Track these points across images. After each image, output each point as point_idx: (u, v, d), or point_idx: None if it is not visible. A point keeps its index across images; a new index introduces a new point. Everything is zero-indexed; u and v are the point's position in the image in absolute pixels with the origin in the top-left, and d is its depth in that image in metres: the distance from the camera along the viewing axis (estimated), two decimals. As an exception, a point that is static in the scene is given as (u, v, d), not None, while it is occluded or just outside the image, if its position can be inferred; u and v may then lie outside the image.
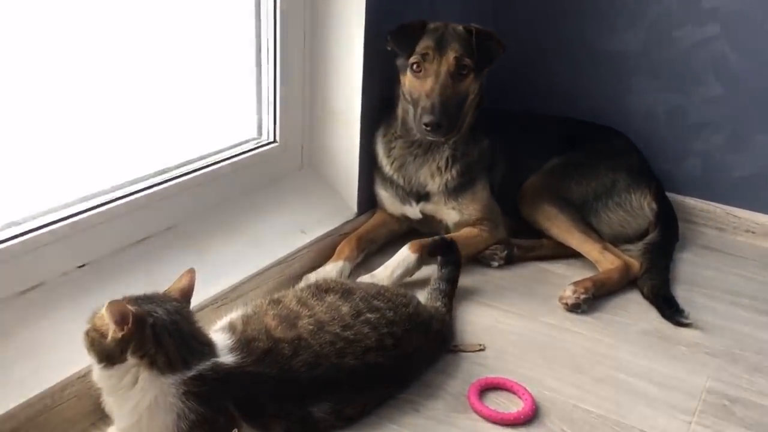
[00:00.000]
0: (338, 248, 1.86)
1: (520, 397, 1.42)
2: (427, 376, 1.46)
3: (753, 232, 2.21)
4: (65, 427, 1.25)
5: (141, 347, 1.12)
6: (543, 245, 2.02)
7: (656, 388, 1.48)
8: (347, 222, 1.96)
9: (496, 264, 1.95)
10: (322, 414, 1.27)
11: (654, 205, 2.07)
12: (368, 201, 2.04)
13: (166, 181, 1.59)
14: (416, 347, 1.43)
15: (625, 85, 2.30)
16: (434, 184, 1.91)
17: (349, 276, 1.80)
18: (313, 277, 1.75)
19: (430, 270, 1.76)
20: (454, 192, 1.92)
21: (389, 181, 1.97)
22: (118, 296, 1.38)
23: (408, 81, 1.82)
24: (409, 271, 1.78)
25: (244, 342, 1.25)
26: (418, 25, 1.82)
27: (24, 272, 1.32)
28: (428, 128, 1.73)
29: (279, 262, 1.72)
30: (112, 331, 1.11)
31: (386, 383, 1.38)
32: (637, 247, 2.01)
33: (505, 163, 2.05)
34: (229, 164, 1.75)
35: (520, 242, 2.01)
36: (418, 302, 1.51)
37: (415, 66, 1.79)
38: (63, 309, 1.34)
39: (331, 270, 1.78)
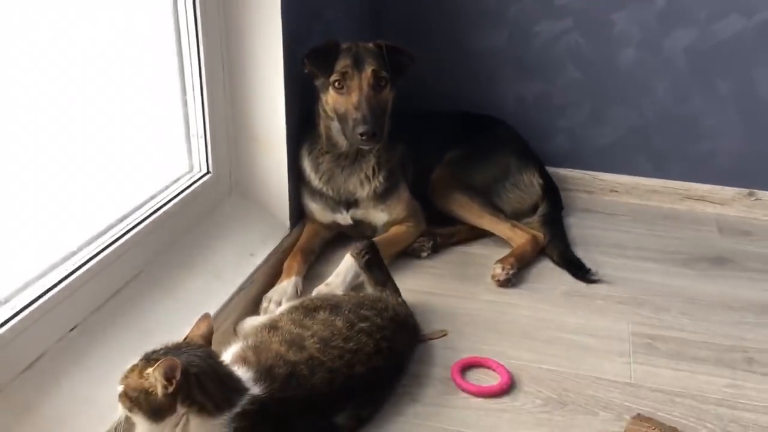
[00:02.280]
0: (286, 265, 1.97)
1: (495, 371, 1.64)
2: (412, 368, 1.63)
3: (617, 191, 2.60)
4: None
5: (189, 396, 1.19)
6: (460, 231, 2.25)
7: (593, 340, 1.77)
8: (285, 238, 2.06)
9: (425, 254, 2.15)
10: (343, 421, 1.41)
11: (540, 181, 2.39)
12: (297, 215, 2.15)
13: (127, 232, 1.61)
14: (403, 344, 1.60)
15: (497, 77, 2.58)
16: (363, 191, 2.07)
17: (302, 288, 1.91)
18: (270, 296, 1.85)
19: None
20: (382, 196, 2.08)
21: (318, 194, 2.09)
22: (115, 352, 1.43)
23: (331, 99, 1.95)
24: (358, 274, 1.93)
25: (264, 371, 1.34)
26: (333, 46, 1.95)
27: (25, 348, 1.31)
28: (364, 137, 1.88)
29: (240, 289, 1.79)
30: (161, 387, 1.16)
31: (388, 382, 1.54)
32: (534, 220, 2.31)
33: (412, 161, 2.24)
34: (175, 203, 1.78)
35: (441, 231, 2.22)
36: (393, 304, 1.67)
37: (336, 84, 1.92)
38: (70, 373, 1.35)
39: (287, 286, 1.89)
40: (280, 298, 1.84)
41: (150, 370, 1.17)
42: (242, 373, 1.34)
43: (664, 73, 2.41)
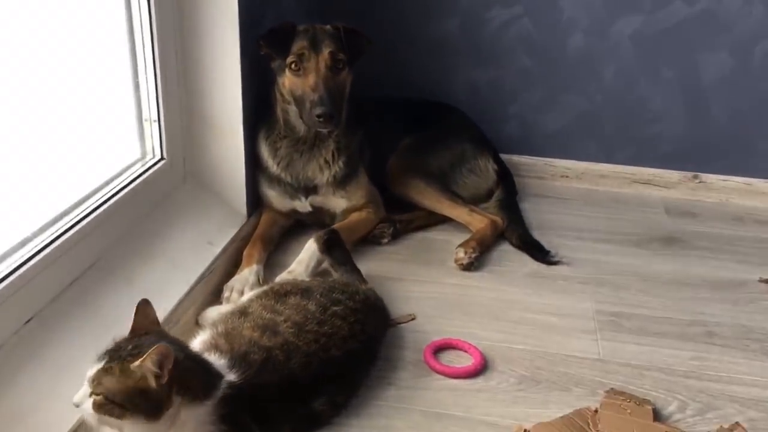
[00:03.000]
0: (246, 253, 1.91)
1: (467, 352, 1.63)
2: (383, 352, 1.60)
3: (567, 177, 2.64)
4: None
5: (182, 384, 1.13)
6: (418, 216, 2.23)
7: (559, 319, 1.78)
8: (243, 226, 2.00)
9: (385, 240, 2.13)
10: (321, 407, 1.37)
11: (495, 166, 2.40)
12: (254, 203, 2.09)
13: (81, 220, 1.52)
14: (375, 327, 1.57)
15: (449, 65, 2.57)
16: (323, 177, 2.02)
17: (264, 277, 1.86)
18: (232, 285, 1.79)
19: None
20: (342, 182, 2.05)
21: (276, 180, 2.04)
22: (75, 344, 1.35)
23: (288, 81, 1.90)
24: (320, 261, 1.88)
25: (238, 357, 1.29)
26: (289, 27, 1.90)
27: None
28: (321, 119, 1.83)
29: (201, 278, 1.72)
30: (154, 378, 1.09)
31: (363, 366, 1.50)
32: (490, 205, 2.32)
33: (369, 148, 2.21)
34: (129, 190, 1.69)
35: (400, 217, 2.20)
36: (363, 288, 1.64)
37: (293, 65, 1.88)
38: (28, 367, 1.26)
39: (248, 275, 1.83)
40: (242, 287, 1.78)
41: (137, 363, 1.09)
42: (215, 360, 1.28)
43: (612, 59, 2.47)
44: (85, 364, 1.30)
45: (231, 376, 1.24)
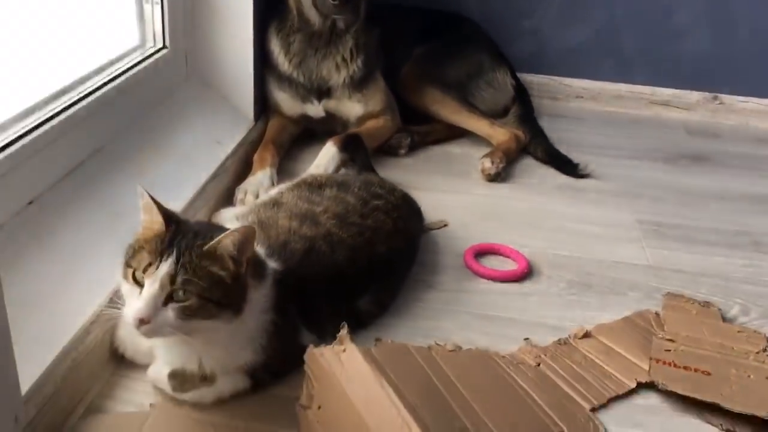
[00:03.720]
0: (257, 156, 1.74)
1: (509, 257, 1.50)
2: (419, 257, 1.46)
3: (582, 97, 2.51)
4: (91, 382, 1.04)
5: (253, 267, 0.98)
6: (436, 129, 2.08)
7: (599, 228, 1.66)
8: (251, 131, 1.82)
9: (403, 151, 1.97)
10: (367, 306, 1.23)
11: (513, 81, 2.25)
12: (261, 107, 1.90)
13: (79, 101, 1.33)
14: (415, 227, 1.43)
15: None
16: (339, 77, 1.85)
17: (278, 181, 1.69)
18: (245, 187, 1.63)
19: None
20: (360, 84, 1.87)
21: (287, 80, 1.86)
22: (83, 231, 1.18)
23: (303, -36, 1.71)
24: (338, 166, 1.73)
25: (277, 247, 1.13)
26: None
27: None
28: (335, 2, 1.65)
29: (215, 176, 1.55)
30: (239, 263, 0.94)
31: (406, 266, 1.36)
32: (508, 121, 2.18)
33: (383, 52, 2.04)
34: (130, 76, 1.50)
35: (417, 128, 2.05)
36: (397, 187, 1.49)
37: None
38: (32, 251, 1.09)
39: (262, 178, 1.66)
40: (257, 189, 1.62)
41: (225, 247, 0.92)
42: (252, 248, 1.12)
43: (637, -31, 2.33)
44: (95, 253, 1.14)
45: (273, 264, 1.08)
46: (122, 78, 1.48)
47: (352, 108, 1.91)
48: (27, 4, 1.33)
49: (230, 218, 1.41)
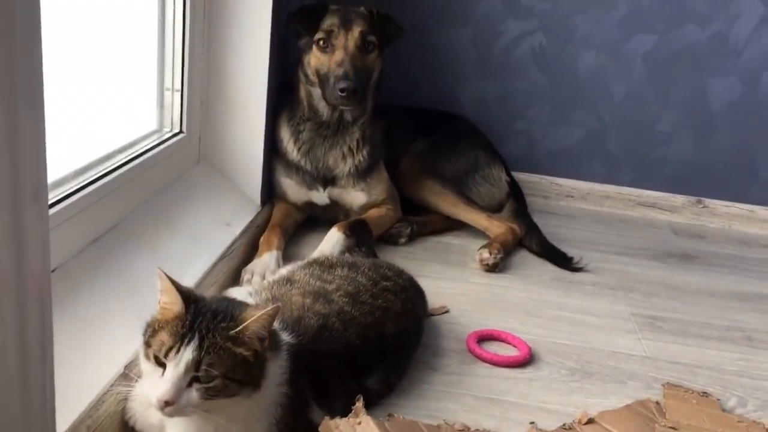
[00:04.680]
0: (263, 239, 1.78)
1: (510, 343, 1.53)
2: (423, 340, 1.48)
3: (572, 197, 2.61)
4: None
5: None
6: (434, 220, 2.15)
7: (597, 319, 1.71)
8: (257, 215, 1.87)
9: (403, 240, 2.03)
10: (375, 385, 1.24)
11: (507, 177, 2.35)
12: (268, 193, 1.96)
13: (102, 177, 1.38)
14: (421, 309, 1.46)
15: (458, 76, 2.54)
16: (345, 166, 1.93)
17: (283, 264, 1.72)
18: (252, 268, 1.66)
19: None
20: (364, 173, 1.95)
21: (295, 168, 1.93)
22: (100, 302, 1.21)
23: (314, 59, 1.82)
24: (343, 251, 1.77)
25: (292, 322, 1.16)
26: (321, 5, 1.83)
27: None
28: (343, 94, 1.74)
29: (223, 257, 1.59)
30: (259, 342, 0.97)
31: (413, 347, 1.39)
32: (504, 216, 2.25)
33: (385, 147, 2.13)
34: (148, 157, 1.56)
35: (416, 219, 2.11)
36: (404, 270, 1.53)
37: (321, 42, 1.81)
38: (55, 318, 1.10)
39: (268, 260, 1.70)
40: (263, 271, 1.65)
41: (249, 329, 0.95)
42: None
43: (623, 78, 2.48)
44: (111, 323, 1.16)
45: (287, 338, 1.11)
46: (140, 159, 1.54)
47: (356, 196, 1.97)
48: (60, 85, 1.40)
49: (244, 294, 1.43)
